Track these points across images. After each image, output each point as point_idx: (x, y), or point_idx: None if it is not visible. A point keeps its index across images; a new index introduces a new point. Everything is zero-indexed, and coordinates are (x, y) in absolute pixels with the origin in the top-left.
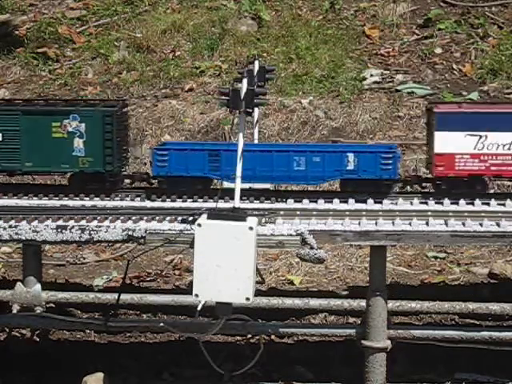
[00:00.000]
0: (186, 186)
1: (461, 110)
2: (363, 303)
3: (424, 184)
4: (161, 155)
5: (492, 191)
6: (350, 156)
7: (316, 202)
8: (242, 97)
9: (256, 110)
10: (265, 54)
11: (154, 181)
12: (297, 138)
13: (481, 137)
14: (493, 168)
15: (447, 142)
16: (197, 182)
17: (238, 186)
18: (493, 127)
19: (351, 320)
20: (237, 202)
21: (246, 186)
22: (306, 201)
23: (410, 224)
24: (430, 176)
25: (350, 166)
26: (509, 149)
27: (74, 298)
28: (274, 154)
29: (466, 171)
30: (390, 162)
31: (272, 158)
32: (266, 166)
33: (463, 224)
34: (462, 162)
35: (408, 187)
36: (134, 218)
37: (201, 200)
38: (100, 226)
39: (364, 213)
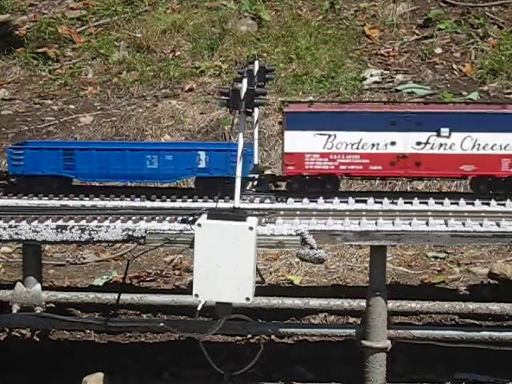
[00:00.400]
0: (42, 185)
1: (309, 110)
2: (363, 303)
3: (279, 183)
4: (16, 154)
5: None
6: (202, 154)
7: (316, 202)
8: (242, 97)
9: (256, 109)
10: (265, 54)
11: (14, 179)
12: None
13: (329, 136)
14: (342, 167)
15: (297, 141)
16: (52, 180)
17: (238, 185)
18: (341, 127)
19: (351, 320)
20: (237, 202)
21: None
22: (306, 201)
23: (410, 224)
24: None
25: (202, 165)
26: (357, 148)
27: (73, 298)
28: (128, 153)
29: (315, 170)
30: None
31: (125, 157)
32: (120, 165)
33: (463, 224)
34: (311, 161)
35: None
36: (134, 218)
37: (201, 200)
38: (100, 226)
39: (364, 213)
